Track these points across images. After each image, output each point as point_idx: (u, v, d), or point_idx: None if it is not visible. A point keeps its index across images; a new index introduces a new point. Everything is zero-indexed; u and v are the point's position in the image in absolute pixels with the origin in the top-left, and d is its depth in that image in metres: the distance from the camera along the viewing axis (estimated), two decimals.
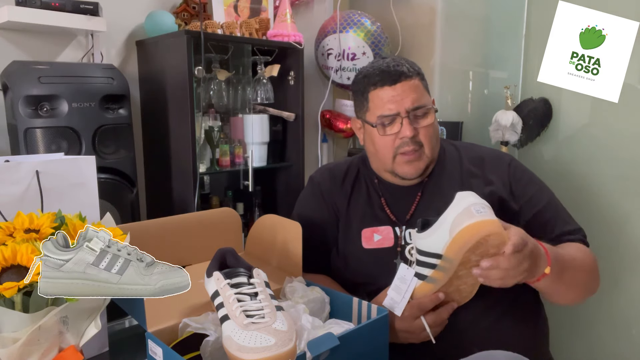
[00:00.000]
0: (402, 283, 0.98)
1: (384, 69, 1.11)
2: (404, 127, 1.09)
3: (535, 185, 1.16)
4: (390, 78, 1.10)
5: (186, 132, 1.77)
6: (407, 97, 1.09)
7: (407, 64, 1.13)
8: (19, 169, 0.90)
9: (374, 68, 1.13)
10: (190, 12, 1.99)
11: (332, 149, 2.59)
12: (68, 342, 0.79)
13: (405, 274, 0.98)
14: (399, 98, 1.09)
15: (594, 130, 1.70)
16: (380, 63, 1.13)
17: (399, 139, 1.11)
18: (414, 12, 2.28)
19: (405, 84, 1.10)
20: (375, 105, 1.12)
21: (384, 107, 1.10)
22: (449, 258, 0.90)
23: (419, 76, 1.13)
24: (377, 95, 1.12)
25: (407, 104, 1.09)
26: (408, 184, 1.18)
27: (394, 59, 1.14)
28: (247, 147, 2.06)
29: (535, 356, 0.89)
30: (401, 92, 1.09)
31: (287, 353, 0.71)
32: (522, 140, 1.82)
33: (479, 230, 0.87)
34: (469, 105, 2.07)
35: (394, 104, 1.09)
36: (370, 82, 1.12)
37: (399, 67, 1.10)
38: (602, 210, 1.65)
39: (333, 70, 2.28)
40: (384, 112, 1.10)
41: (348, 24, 2.22)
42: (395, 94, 1.09)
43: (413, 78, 1.11)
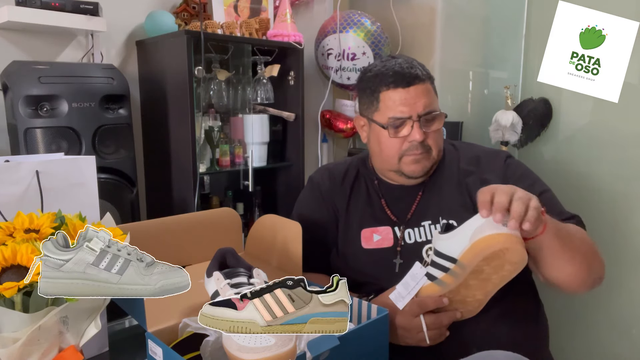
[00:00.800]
0: (412, 280, 0.98)
1: (398, 70, 1.10)
2: (414, 131, 1.09)
3: (529, 179, 1.15)
4: (404, 80, 1.09)
5: (186, 132, 1.77)
6: (420, 101, 1.09)
7: (419, 66, 1.12)
8: (19, 169, 0.90)
9: (386, 68, 1.12)
10: (190, 12, 1.99)
11: (332, 149, 2.59)
12: (68, 342, 0.79)
13: (418, 272, 0.98)
14: (412, 101, 1.09)
15: (594, 130, 1.70)
16: (392, 63, 1.12)
17: (407, 141, 1.11)
18: (414, 12, 2.28)
19: (418, 88, 1.09)
20: (386, 106, 1.11)
21: (396, 109, 1.10)
22: (462, 264, 0.90)
23: (430, 80, 1.13)
24: (389, 96, 1.10)
25: (420, 109, 1.09)
26: (411, 183, 1.17)
27: (406, 60, 1.13)
28: (247, 147, 2.06)
29: (535, 356, 0.88)
30: (414, 96, 1.09)
31: (287, 353, 0.71)
32: (522, 140, 1.82)
33: (499, 241, 0.86)
34: (469, 105, 2.08)
35: (407, 107, 1.09)
36: (383, 82, 1.11)
37: (413, 70, 1.10)
38: (602, 210, 1.65)
39: (333, 70, 2.28)
40: (396, 115, 1.10)
41: (348, 24, 2.22)
42: (409, 97, 1.09)
43: (426, 82, 1.11)
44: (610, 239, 1.63)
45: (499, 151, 1.24)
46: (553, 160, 1.81)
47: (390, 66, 1.12)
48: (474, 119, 2.02)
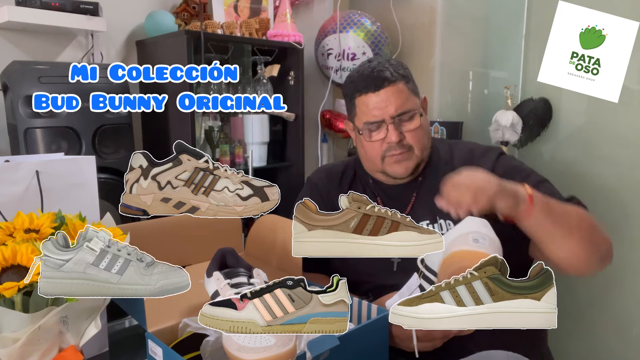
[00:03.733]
0: (407, 290, 0.98)
1: (368, 74, 1.11)
2: (390, 132, 1.10)
3: (523, 171, 1.14)
4: (373, 84, 1.10)
5: (186, 132, 1.77)
6: (391, 104, 1.10)
7: (391, 67, 1.12)
8: (19, 169, 0.90)
9: (359, 73, 1.14)
10: (190, 12, 1.99)
11: (332, 149, 2.59)
12: (68, 342, 0.79)
13: (413, 284, 0.98)
14: (383, 105, 1.10)
15: (594, 130, 1.71)
16: (364, 68, 1.13)
17: (385, 143, 1.12)
18: (414, 12, 2.28)
19: (388, 90, 1.10)
20: (361, 111, 1.13)
21: (369, 113, 1.11)
22: (439, 278, 0.89)
23: (404, 79, 1.12)
24: (362, 101, 1.12)
25: (391, 111, 1.10)
26: (400, 182, 1.18)
27: (379, 63, 1.13)
28: (247, 147, 2.06)
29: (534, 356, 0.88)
30: (385, 99, 1.10)
31: (287, 353, 0.71)
32: (522, 140, 1.82)
33: (462, 259, 0.84)
34: (469, 105, 2.08)
35: (379, 110, 1.10)
36: (356, 88, 1.13)
37: (382, 73, 1.10)
38: (602, 210, 1.65)
39: (333, 70, 2.28)
40: (370, 119, 1.11)
41: (348, 24, 2.22)
42: (379, 100, 1.10)
43: (397, 83, 1.11)
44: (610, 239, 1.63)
45: (494, 147, 1.24)
46: (553, 160, 1.81)
47: (362, 71, 1.13)
48: (474, 119, 2.02)
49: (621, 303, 1.67)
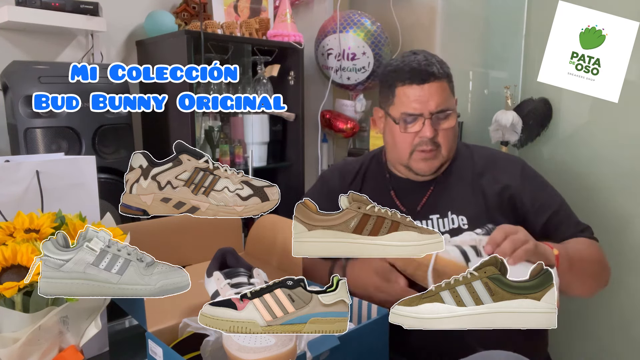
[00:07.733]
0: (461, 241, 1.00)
1: (415, 66, 1.11)
2: (425, 127, 1.11)
3: (547, 188, 1.19)
4: (419, 77, 1.10)
5: (186, 132, 1.77)
6: (433, 99, 1.10)
7: (437, 64, 1.13)
8: (19, 169, 0.90)
9: (404, 63, 1.13)
10: (190, 12, 1.99)
11: (332, 149, 2.59)
12: (68, 342, 0.79)
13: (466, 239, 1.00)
14: (425, 99, 1.10)
15: (594, 130, 1.70)
16: (411, 59, 1.13)
17: (418, 137, 1.13)
18: (414, 12, 2.28)
19: (432, 85, 1.11)
20: (400, 101, 1.13)
21: (409, 105, 1.12)
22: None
23: (447, 78, 1.14)
24: (404, 92, 1.12)
25: (432, 107, 1.11)
26: (420, 179, 1.19)
27: (426, 57, 1.14)
28: (247, 147, 2.06)
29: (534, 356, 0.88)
30: (428, 93, 1.10)
31: (287, 353, 0.71)
32: (522, 140, 1.82)
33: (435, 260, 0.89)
34: (469, 105, 2.08)
35: (420, 104, 1.11)
36: (399, 77, 1.13)
37: (429, 68, 1.11)
38: (602, 210, 1.65)
39: (333, 70, 2.28)
40: (408, 110, 1.12)
41: (348, 24, 2.22)
42: (422, 94, 1.10)
43: (442, 80, 1.12)
44: (610, 239, 1.62)
45: (514, 157, 1.28)
46: (553, 160, 1.81)
47: (408, 62, 1.13)
48: (474, 119, 2.02)
49: (621, 303, 1.67)
